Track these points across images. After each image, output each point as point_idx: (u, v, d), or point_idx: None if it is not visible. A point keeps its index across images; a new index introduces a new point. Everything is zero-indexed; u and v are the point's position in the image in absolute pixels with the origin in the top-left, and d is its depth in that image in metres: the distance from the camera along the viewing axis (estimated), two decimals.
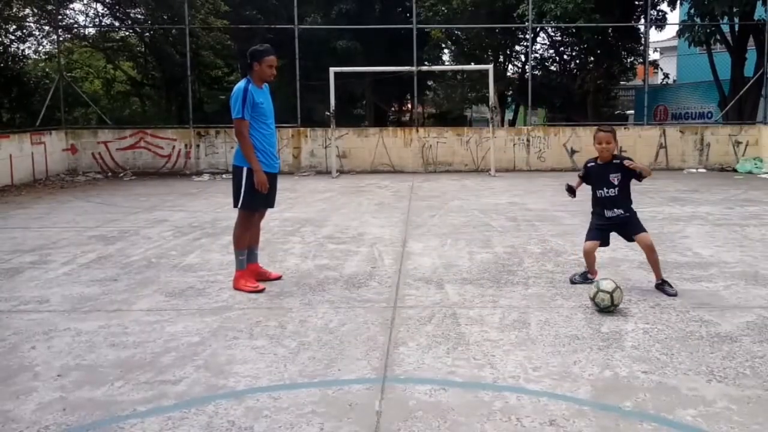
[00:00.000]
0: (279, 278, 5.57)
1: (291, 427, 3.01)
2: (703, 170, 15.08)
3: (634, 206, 5.31)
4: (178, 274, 5.81)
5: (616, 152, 5.30)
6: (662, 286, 5.11)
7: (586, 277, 5.35)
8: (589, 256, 5.34)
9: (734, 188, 11.79)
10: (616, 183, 5.18)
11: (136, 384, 3.49)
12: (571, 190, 5.52)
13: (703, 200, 10.19)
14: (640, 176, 5.13)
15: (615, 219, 5.22)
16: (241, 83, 5.16)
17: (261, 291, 5.20)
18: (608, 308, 4.57)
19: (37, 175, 13.80)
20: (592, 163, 5.35)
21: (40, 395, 3.36)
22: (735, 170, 14.88)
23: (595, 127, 5.91)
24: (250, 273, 5.37)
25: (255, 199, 5.20)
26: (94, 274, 5.82)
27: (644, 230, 5.18)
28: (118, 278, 5.69)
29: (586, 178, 5.42)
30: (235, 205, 5.26)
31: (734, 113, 16.85)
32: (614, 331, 4.22)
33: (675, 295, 4.97)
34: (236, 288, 5.26)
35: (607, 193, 5.22)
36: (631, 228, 5.20)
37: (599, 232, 5.30)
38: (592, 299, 4.63)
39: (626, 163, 5.13)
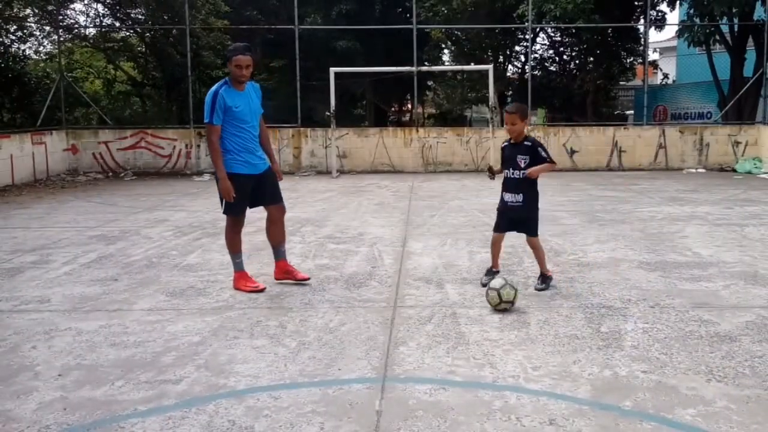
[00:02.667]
0: (306, 280, 5.44)
1: (291, 427, 3.02)
2: (703, 170, 15.09)
3: (631, 206, 5.31)
4: (179, 274, 5.82)
5: (526, 133, 5.27)
6: (543, 277, 5.27)
7: (491, 272, 5.38)
8: (494, 246, 5.43)
9: (733, 188, 11.80)
10: (522, 165, 5.09)
11: (136, 383, 3.50)
12: (491, 171, 5.52)
13: (702, 200, 10.20)
14: (545, 160, 5.07)
15: (513, 206, 5.18)
16: (215, 87, 5.08)
17: (261, 290, 5.20)
18: (498, 305, 4.61)
19: (38, 175, 13.81)
20: (506, 143, 5.28)
21: (40, 395, 3.37)
22: (734, 170, 14.89)
23: (595, 128, 5.99)
24: (278, 270, 5.47)
25: (232, 204, 5.20)
26: (94, 274, 5.83)
27: (533, 234, 5.25)
28: (118, 278, 5.69)
29: (502, 158, 5.33)
30: (223, 211, 5.38)
31: (734, 113, 16.85)
32: (614, 331, 4.23)
33: (543, 289, 5.14)
34: (236, 288, 5.27)
35: (512, 174, 5.16)
36: (522, 224, 5.26)
37: (501, 221, 5.35)
38: (486, 297, 4.71)
39: (529, 171, 5.06)
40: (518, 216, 5.22)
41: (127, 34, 21.52)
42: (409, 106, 28.71)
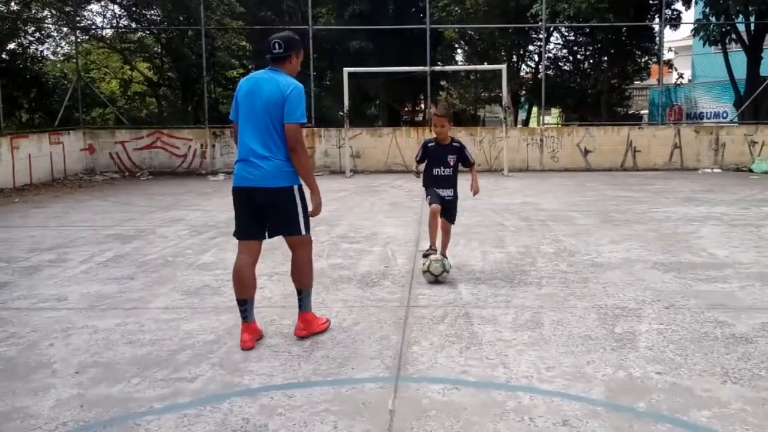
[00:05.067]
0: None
1: (305, 425, 3.04)
2: (719, 170, 14.95)
3: (645, 206, 5.31)
4: (194, 273, 5.87)
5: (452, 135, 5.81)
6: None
7: (431, 251, 5.72)
8: (434, 217, 5.61)
9: (750, 188, 11.68)
10: (451, 164, 5.66)
11: (152, 381, 3.53)
12: (418, 172, 5.88)
13: (718, 200, 10.11)
14: (466, 163, 5.72)
15: (448, 200, 5.67)
16: (297, 82, 4.02)
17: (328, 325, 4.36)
18: (441, 275, 5.32)
19: (55, 175, 13.97)
20: (432, 144, 5.70)
21: (58, 392, 3.42)
22: (750, 170, 14.74)
23: (610, 127, 6.17)
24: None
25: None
26: (111, 273, 5.89)
27: (453, 221, 5.80)
28: (134, 277, 5.75)
29: (424, 158, 5.74)
30: (304, 231, 4.09)
31: (750, 113, 16.68)
32: (628, 332, 4.21)
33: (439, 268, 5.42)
34: (313, 333, 4.19)
35: (443, 172, 5.66)
36: (447, 211, 5.69)
37: (438, 198, 5.65)
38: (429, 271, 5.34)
39: (474, 189, 5.79)
40: (448, 203, 5.68)
41: (143, 34, 21.71)
42: (423, 105, 28.68)
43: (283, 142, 3.93)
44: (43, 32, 18.98)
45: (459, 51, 26.33)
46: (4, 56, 17.09)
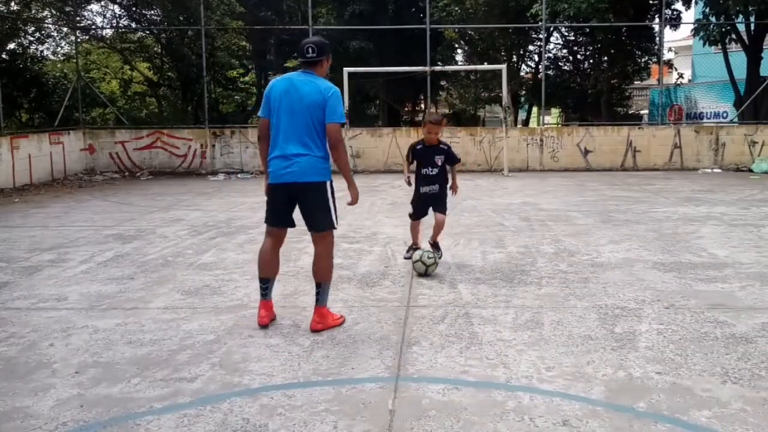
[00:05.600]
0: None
1: (305, 425, 3.04)
2: (719, 170, 14.95)
3: (645, 206, 5.33)
4: (194, 273, 5.87)
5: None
6: (434, 246, 6.21)
7: (412, 249, 6.16)
8: (413, 229, 6.25)
9: (750, 188, 11.68)
10: (439, 164, 6.03)
11: (152, 381, 3.53)
12: (409, 181, 6.24)
13: (718, 200, 10.11)
14: (452, 162, 6.17)
15: (429, 193, 6.07)
16: (334, 86, 4.21)
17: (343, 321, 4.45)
18: (427, 269, 5.60)
19: (55, 175, 13.97)
20: (420, 146, 6.10)
21: (58, 392, 3.42)
22: (750, 170, 14.74)
23: (610, 127, 6.29)
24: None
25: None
26: (111, 273, 5.89)
27: (444, 212, 6.13)
28: (134, 276, 5.75)
29: (413, 159, 6.13)
30: (329, 227, 4.35)
31: (750, 113, 16.67)
32: (628, 332, 4.21)
33: (439, 257, 5.90)
34: (328, 327, 4.31)
35: (431, 171, 6.04)
36: (437, 204, 6.11)
37: (419, 210, 6.20)
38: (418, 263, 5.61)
39: (453, 188, 6.19)
40: (433, 198, 6.09)
41: (143, 34, 21.72)
42: (423, 105, 28.68)
43: (321, 140, 4.16)
44: (43, 32, 18.98)
45: (459, 51, 26.33)
46: (4, 56, 17.09)
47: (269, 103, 4.23)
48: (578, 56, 23.55)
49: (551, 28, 20.50)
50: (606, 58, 21.60)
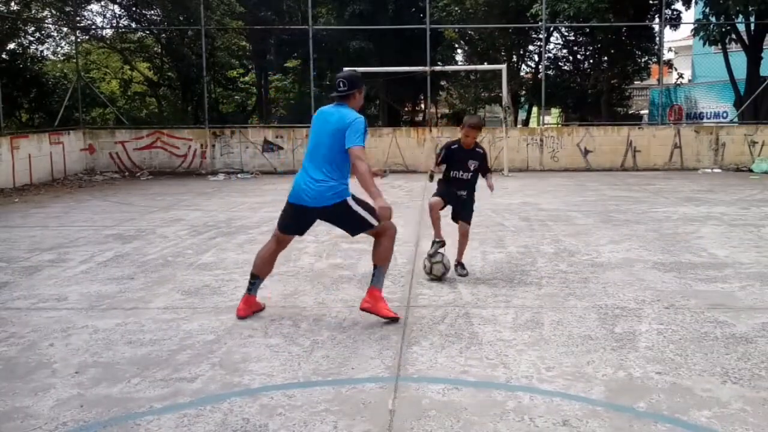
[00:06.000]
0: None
1: (305, 425, 3.04)
2: (719, 170, 14.95)
3: (645, 206, 5.33)
4: (194, 273, 5.87)
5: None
6: (458, 267, 5.72)
7: (436, 243, 5.63)
8: (433, 210, 5.59)
9: (750, 188, 11.68)
10: (472, 168, 5.65)
11: (152, 381, 3.53)
12: (432, 178, 5.96)
13: (718, 200, 10.11)
14: (484, 171, 5.76)
15: (460, 197, 5.66)
16: (359, 115, 4.44)
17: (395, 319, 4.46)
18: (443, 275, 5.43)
19: (55, 175, 13.97)
20: (456, 146, 5.69)
21: (58, 392, 3.42)
22: (750, 170, 14.74)
23: (610, 127, 6.18)
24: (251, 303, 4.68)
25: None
26: (111, 273, 5.89)
27: (469, 222, 5.67)
28: (134, 276, 5.75)
29: (444, 160, 5.71)
30: (374, 223, 4.47)
31: (750, 113, 16.68)
32: (628, 332, 4.21)
33: (466, 275, 5.59)
34: (376, 312, 4.41)
35: (461, 175, 5.64)
36: (464, 210, 5.67)
37: (445, 194, 5.65)
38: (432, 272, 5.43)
39: (490, 186, 5.74)
40: (461, 204, 5.67)
41: (143, 34, 21.73)
42: (423, 105, 28.69)
43: (339, 167, 4.36)
44: (43, 32, 18.98)
45: (459, 51, 26.34)
46: (4, 56, 17.09)
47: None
48: (578, 56, 23.56)
49: (551, 28, 20.52)
50: (606, 58, 21.61)
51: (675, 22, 19.37)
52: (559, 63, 24.05)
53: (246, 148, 15.56)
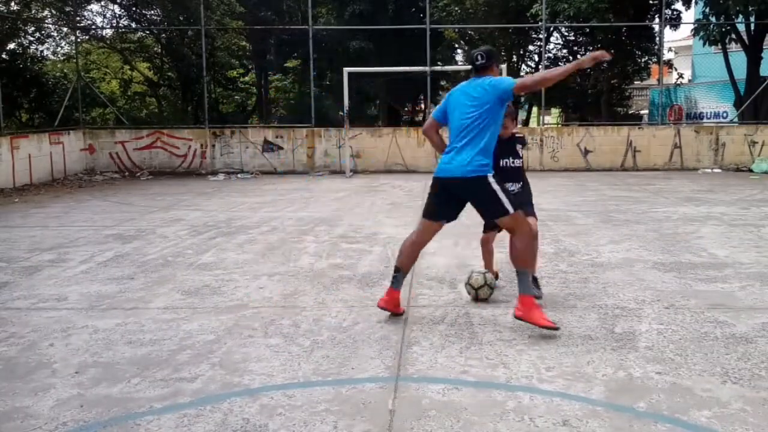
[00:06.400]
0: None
1: (305, 425, 3.04)
2: (719, 170, 14.95)
3: (645, 206, 5.31)
4: (194, 273, 5.87)
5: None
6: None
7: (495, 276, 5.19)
8: (485, 245, 5.20)
9: (750, 188, 11.68)
10: (521, 154, 5.13)
11: (152, 381, 3.53)
12: None
13: (718, 200, 10.11)
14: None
15: (516, 193, 4.95)
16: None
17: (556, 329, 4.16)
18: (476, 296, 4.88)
19: (55, 175, 13.97)
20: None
21: (58, 392, 3.42)
22: (750, 170, 14.74)
23: (610, 127, 5.94)
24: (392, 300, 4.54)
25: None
26: (111, 273, 5.89)
27: (534, 215, 5.04)
28: (134, 276, 5.75)
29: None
30: (511, 209, 4.22)
31: (750, 113, 16.68)
32: (628, 332, 4.21)
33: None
34: (530, 321, 4.15)
35: (513, 162, 5.05)
36: (528, 209, 4.96)
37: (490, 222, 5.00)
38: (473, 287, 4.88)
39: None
40: (523, 200, 4.90)
41: (143, 34, 21.73)
42: (423, 106, 28.69)
43: (481, 140, 4.22)
44: (43, 32, 18.98)
45: (459, 51, 26.34)
46: (4, 56, 17.09)
47: (444, 106, 4.53)
48: (578, 56, 23.54)
49: (551, 28, 20.53)
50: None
51: (675, 22, 19.37)
52: (559, 63, 24.02)
53: (246, 148, 15.56)
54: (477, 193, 4.31)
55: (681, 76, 23.62)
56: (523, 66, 24.93)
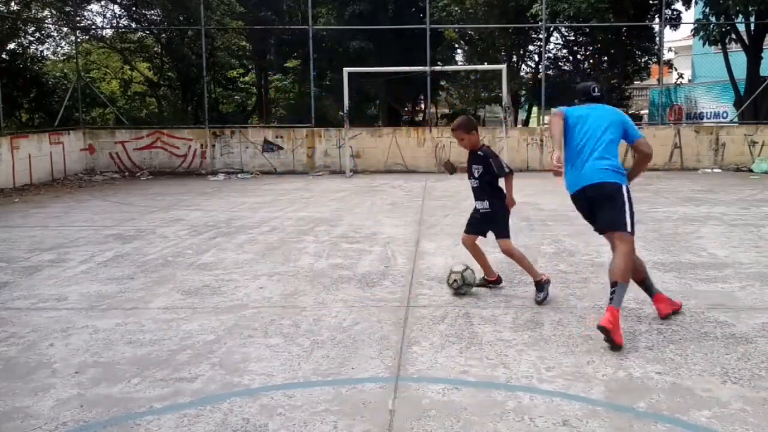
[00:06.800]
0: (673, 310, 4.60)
1: (305, 425, 3.04)
2: (719, 170, 14.95)
3: (645, 206, 5.31)
4: (194, 273, 5.87)
5: (483, 143, 5.26)
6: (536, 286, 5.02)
7: (483, 280, 5.27)
8: (466, 247, 5.20)
9: (750, 188, 11.68)
10: (476, 175, 5.05)
11: (152, 381, 3.53)
12: (450, 166, 5.38)
13: (718, 200, 10.11)
14: (496, 175, 5.03)
15: (484, 213, 5.08)
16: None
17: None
18: (460, 288, 4.92)
19: (55, 175, 13.97)
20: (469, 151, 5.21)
21: (58, 392, 3.42)
22: (750, 170, 14.74)
23: None
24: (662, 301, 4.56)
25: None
26: (111, 273, 5.89)
27: (502, 235, 5.02)
28: (134, 276, 5.75)
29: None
30: (628, 228, 4.30)
31: (750, 113, 16.67)
32: (628, 332, 4.21)
33: (542, 300, 4.85)
34: (614, 336, 3.96)
35: (472, 183, 5.13)
36: (494, 228, 5.07)
37: (472, 225, 5.19)
38: (448, 284, 4.98)
39: (510, 203, 5.11)
40: (485, 218, 5.10)
41: (143, 34, 21.72)
42: (423, 106, 28.69)
43: (613, 150, 4.55)
44: (43, 32, 18.97)
45: (459, 51, 26.34)
46: (4, 56, 17.08)
47: (567, 124, 4.70)
48: (578, 56, 23.56)
49: (551, 28, 20.52)
50: (606, 58, 21.60)
51: (675, 22, 19.37)
52: (559, 63, 24.04)
53: (246, 148, 15.56)
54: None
55: (681, 76, 23.62)
56: (523, 66, 24.95)
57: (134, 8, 20.33)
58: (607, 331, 3.91)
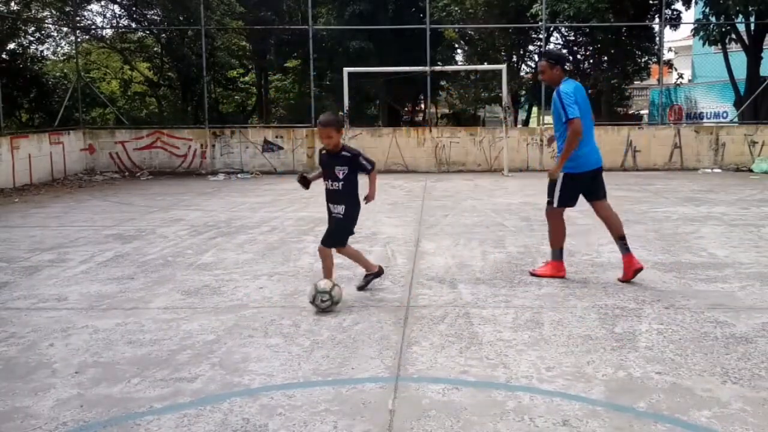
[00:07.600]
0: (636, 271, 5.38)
1: (305, 425, 3.04)
2: (719, 170, 14.95)
3: (645, 206, 5.33)
4: (194, 273, 5.87)
5: (345, 143, 5.11)
6: (368, 277, 5.23)
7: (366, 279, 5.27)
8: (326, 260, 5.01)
9: (750, 188, 11.68)
10: (341, 176, 4.89)
11: (152, 381, 3.53)
12: (305, 180, 5.14)
13: (718, 200, 10.11)
14: (367, 171, 4.98)
15: (336, 217, 4.99)
16: (571, 82, 5.54)
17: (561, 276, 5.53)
18: (329, 308, 4.66)
19: (55, 175, 13.97)
20: (324, 151, 5.02)
21: (58, 392, 3.42)
22: (751, 170, 14.73)
23: (610, 127, 6.37)
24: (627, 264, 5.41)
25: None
26: (111, 273, 5.89)
27: (328, 245, 5.00)
28: (134, 276, 5.75)
29: (321, 166, 5.06)
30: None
31: (750, 113, 16.68)
32: (628, 332, 4.21)
33: (363, 287, 5.17)
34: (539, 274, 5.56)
35: (332, 185, 4.92)
36: (330, 230, 5.01)
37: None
38: (314, 303, 4.65)
39: (369, 197, 5.07)
40: (332, 225, 5.02)
41: (143, 34, 21.73)
42: (423, 106, 28.70)
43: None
44: (43, 32, 18.98)
45: (459, 51, 26.36)
46: (4, 56, 17.09)
47: (578, 103, 5.43)
48: (578, 56, 23.55)
49: (551, 28, 20.50)
50: (606, 58, 21.60)
51: (675, 22, 19.37)
52: None
53: (246, 148, 15.56)
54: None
55: (681, 76, 23.62)
56: (523, 66, 24.95)
57: (134, 8, 20.34)
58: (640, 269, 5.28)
